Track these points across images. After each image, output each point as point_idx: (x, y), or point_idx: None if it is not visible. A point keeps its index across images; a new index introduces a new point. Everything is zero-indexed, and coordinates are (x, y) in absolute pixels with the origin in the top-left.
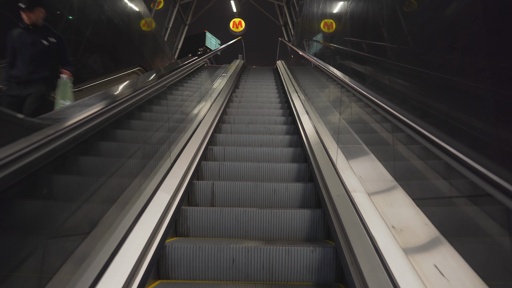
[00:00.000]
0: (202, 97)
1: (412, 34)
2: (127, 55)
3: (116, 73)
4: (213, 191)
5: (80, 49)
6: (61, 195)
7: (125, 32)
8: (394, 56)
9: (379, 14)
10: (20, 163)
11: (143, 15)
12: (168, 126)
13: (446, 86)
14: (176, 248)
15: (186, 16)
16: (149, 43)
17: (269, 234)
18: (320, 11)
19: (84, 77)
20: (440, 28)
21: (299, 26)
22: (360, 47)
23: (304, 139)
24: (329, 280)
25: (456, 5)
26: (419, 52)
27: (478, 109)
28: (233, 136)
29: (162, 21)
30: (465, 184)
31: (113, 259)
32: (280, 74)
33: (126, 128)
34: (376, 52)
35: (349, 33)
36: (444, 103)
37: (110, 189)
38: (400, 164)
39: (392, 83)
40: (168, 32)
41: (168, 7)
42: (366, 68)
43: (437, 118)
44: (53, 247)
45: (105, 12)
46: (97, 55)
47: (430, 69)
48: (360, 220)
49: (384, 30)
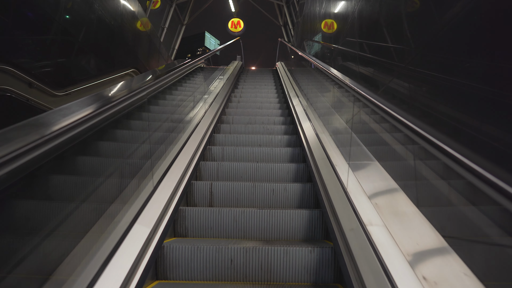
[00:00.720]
0: (196, 102)
1: (441, 34)
2: (120, 56)
3: (108, 75)
4: (211, 191)
5: (66, 49)
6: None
7: (117, 32)
8: (416, 61)
9: (395, 11)
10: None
11: (137, 15)
12: (153, 138)
13: (489, 99)
14: (174, 249)
15: (183, 16)
16: (144, 44)
17: (267, 234)
18: (323, 10)
19: (74, 80)
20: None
21: (300, 26)
22: (371, 49)
23: (307, 152)
24: (327, 281)
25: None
26: (450, 56)
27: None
28: (228, 149)
29: (158, 21)
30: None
31: (111, 259)
32: (280, 76)
33: (110, 140)
34: (392, 56)
35: (357, 34)
36: (484, 121)
37: (107, 190)
38: (423, 187)
39: (412, 93)
40: (164, 33)
41: (164, 6)
42: (377, 73)
43: (471, 136)
44: (49, 245)
45: (95, 11)
46: (87, 56)
47: (465, 78)
48: (382, 267)
49: (405, 30)
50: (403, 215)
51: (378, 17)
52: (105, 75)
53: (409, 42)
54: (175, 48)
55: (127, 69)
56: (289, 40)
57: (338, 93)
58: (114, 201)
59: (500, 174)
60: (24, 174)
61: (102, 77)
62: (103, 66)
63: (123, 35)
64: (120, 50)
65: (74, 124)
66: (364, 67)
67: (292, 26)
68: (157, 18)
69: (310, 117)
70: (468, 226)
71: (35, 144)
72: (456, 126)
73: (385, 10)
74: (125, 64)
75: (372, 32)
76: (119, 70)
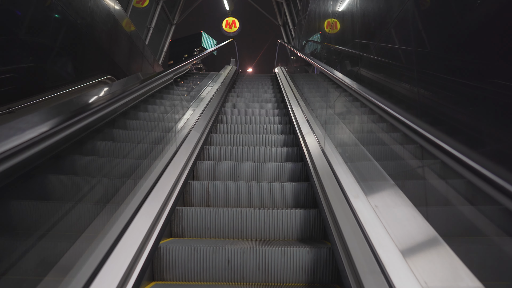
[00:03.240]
0: (168, 131)
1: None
2: (90, 61)
3: (73, 85)
4: (208, 191)
5: (12, 53)
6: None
7: (86, 32)
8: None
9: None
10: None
11: (113, 13)
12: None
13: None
14: (171, 249)
15: (172, 15)
16: (123, 46)
17: (264, 234)
18: (335, 5)
19: (20, 93)
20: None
21: (304, 25)
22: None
23: (321, 197)
24: (325, 281)
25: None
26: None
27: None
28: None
29: (144, 20)
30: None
31: (107, 260)
32: (280, 84)
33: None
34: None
35: (411, 34)
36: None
37: (103, 190)
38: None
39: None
40: (150, 33)
41: (150, 4)
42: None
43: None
44: (45, 245)
45: (53, 6)
46: (42, 62)
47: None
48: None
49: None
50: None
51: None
52: (68, 85)
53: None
54: (164, 51)
55: (100, 77)
56: (289, 41)
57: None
58: (110, 201)
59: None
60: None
61: (64, 88)
62: (64, 74)
63: (93, 36)
64: (90, 54)
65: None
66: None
67: (293, 26)
68: (142, 17)
69: (325, 150)
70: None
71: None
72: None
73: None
74: (98, 71)
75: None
76: (89, 78)
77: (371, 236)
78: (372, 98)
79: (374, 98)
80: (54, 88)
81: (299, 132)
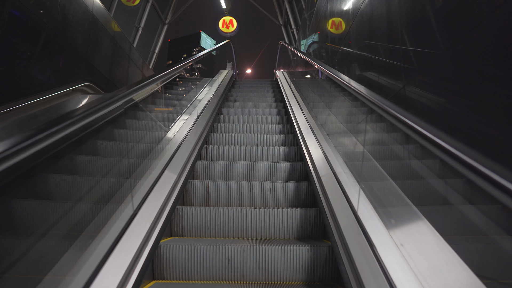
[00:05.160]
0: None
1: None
2: (62, 66)
3: (41, 95)
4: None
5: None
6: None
7: (55, 33)
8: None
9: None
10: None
11: (92, 10)
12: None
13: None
14: (171, 248)
15: (164, 14)
16: (105, 49)
17: (264, 233)
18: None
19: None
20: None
21: (310, 25)
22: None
23: (334, 230)
24: (325, 279)
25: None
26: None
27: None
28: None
29: (131, 19)
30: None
31: (108, 259)
32: (283, 92)
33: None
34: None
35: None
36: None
37: (104, 190)
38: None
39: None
40: (139, 34)
41: (139, 2)
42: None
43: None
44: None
45: (13, 1)
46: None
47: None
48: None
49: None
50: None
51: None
52: (31, 97)
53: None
54: (156, 52)
55: (75, 84)
56: (290, 43)
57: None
58: (110, 201)
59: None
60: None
61: (25, 100)
62: (26, 83)
63: (66, 38)
64: (62, 58)
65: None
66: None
67: (295, 26)
68: (130, 16)
69: (345, 185)
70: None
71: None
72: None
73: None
74: (73, 77)
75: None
76: (62, 86)
77: (371, 236)
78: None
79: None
80: (12, 101)
81: (309, 162)
